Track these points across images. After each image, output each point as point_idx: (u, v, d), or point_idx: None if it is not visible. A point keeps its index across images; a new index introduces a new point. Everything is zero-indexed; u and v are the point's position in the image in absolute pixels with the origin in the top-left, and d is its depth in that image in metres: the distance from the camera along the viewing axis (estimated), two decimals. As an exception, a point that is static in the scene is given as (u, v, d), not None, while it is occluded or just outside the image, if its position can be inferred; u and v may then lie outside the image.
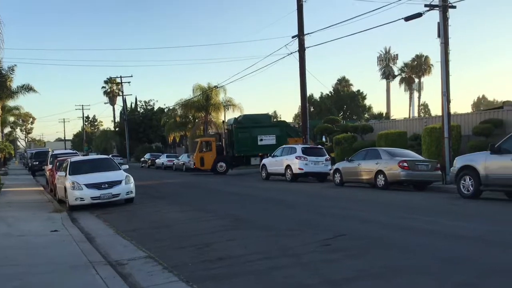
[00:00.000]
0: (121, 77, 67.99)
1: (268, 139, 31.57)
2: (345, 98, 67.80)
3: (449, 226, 9.19)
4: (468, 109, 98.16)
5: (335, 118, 38.31)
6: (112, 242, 9.04)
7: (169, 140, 57.20)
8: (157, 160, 47.07)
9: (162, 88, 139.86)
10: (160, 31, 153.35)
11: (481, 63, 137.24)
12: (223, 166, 32.13)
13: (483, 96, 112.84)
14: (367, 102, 70.50)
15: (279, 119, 56.68)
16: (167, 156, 46.40)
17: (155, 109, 68.83)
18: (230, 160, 32.40)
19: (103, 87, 78.85)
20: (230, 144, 32.76)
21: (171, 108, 57.96)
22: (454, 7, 18.83)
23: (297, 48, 26.67)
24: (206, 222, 10.79)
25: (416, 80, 68.69)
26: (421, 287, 5.29)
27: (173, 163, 41.93)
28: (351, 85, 75.07)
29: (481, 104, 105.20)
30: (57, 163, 19.58)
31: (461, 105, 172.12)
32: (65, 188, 14.83)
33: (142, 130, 67.57)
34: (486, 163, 13.41)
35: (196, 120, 50.35)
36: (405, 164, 17.41)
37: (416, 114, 67.32)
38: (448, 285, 5.30)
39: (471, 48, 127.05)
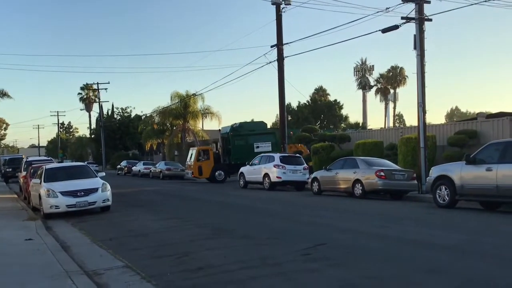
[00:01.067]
0: (97, 83, 67.19)
1: (264, 146, 31.50)
2: (322, 107, 68.32)
3: (426, 235, 9.29)
4: (442, 120, 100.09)
5: (313, 127, 38.54)
6: (89, 251, 8.86)
7: (146, 147, 56.66)
8: (133, 168, 46.55)
9: (140, 95, 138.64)
10: (138, 38, 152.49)
11: (454, 75, 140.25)
12: (221, 174, 31.73)
13: (456, 107, 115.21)
14: (343, 111, 71.17)
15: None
16: (144, 164, 45.91)
17: (132, 116, 68.19)
18: (226, 168, 32.03)
19: (79, 93, 77.92)
20: (227, 152, 32.55)
21: (148, 115, 57.51)
22: (430, 20, 19.21)
23: (276, 58, 26.81)
24: (185, 230, 10.67)
25: (392, 90, 69.79)
26: (401, 297, 5.31)
27: (150, 170, 41.50)
28: (328, 94, 75.66)
29: (454, 115, 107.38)
30: (32, 170, 19.16)
31: (435, 116, 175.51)
32: (39, 195, 14.51)
33: (118, 137, 66.84)
34: (462, 173, 13.64)
35: (174, 128, 50.05)
36: (382, 173, 17.60)
37: (391, 124, 68.21)
38: (428, 295, 5.33)
39: (444, 60, 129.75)
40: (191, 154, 33.18)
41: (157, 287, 6.08)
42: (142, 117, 61.40)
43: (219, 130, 37.22)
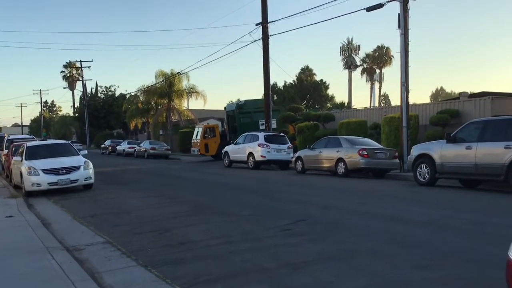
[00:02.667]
0: (81, 61, 66.36)
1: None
2: (308, 87, 68.29)
3: (405, 212, 9.46)
4: (427, 100, 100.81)
5: (298, 107, 38.60)
6: (69, 228, 8.86)
7: (131, 126, 56.29)
8: (118, 147, 46.31)
9: (124, 74, 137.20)
10: (122, 15, 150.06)
11: (440, 55, 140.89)
12: None
13: (441, 87, 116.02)
14: (329, 91, 71.21)
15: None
16: (128, 143, 45.72)
17: (116, 95, 67.50)
18: None
19: (62, 71, 76.87)
20: (232, 130, 32.51)
21: (133, 94, 57.03)
22: (415, -2, 19.19)
23: (261, 36, 26.64)
24: (167, 207, 10.72)
25: (377, 70, 69.98)
26: (378, 269, 5.43)
27: (135, 149, 41.35)
28: (314, 74, 75.59)
29: (439, 95, 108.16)
30: (13, 148, 18.98)
31: (420, 96, 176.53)
32: (21, 173, 14.40)
33: (102, 116, 66.23)
34: (442, 151, 13.84)
35: (159, 107, 49.73)
36: (365, 152, 17.76)
37: (376, 104, 68.65)
38: (403, 267, 5.46)
39: (430, 40, 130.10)
40: (197, 132, 33.44)
41: (137, 261, 6.13)
42: (127, 96, 60.87)
43: (224, 107, 37.40)
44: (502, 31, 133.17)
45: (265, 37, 26.61)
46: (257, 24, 26.64)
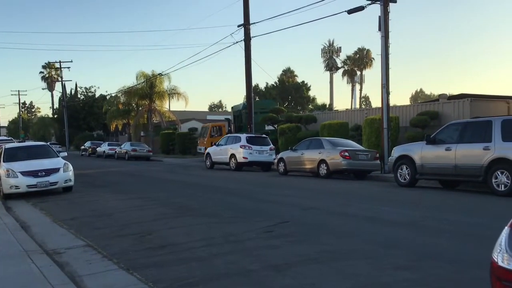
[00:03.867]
0: (60, 62, 65.47)
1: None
2: (290, 88, 68.62)
3: (386, 213, 9.55)
4: (407, 102, 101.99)
5: (280, 108, 38.70)
6: (49, 231, 8.72)
7: (111, 128, 55.71)
8: (98, 148, 45.78)
9: (104, 75, 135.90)
10: (102, 16, 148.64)
11: (419, 57, 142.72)
12: None
13: (421, 89, 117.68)
14: (311, 93, 71.84)
15: (225, 109, 56.58)
16: (109, 144, 45.22)
17: (96, 96, 66.81)
18: None
19: (41, 72, 75.91)
20: (239, 129, 32.58)
21: (113, 95, 56.48)
22: (395, 1, 19.43)
23: (243, 37, 26.66)
24: (149, 210, 10.63)
25: (358, 72, 70.58)
26: (360, 271, 5.45)
27: (115, 151, 40.92)
28: (296, 76, 76.05)
29: (418, 97, 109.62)
30: (-10, 150, 18.59)
31: (400, 97, 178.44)
32: (-2, 176, 14.12)
33: (82, 117, 65.48)
34: (422, 153, 14.01)
35: (140, 108, 49.34)
36: (347, 153, 17.89)
37: (357, 106, 69.24)
38: (385, 268, 5.49)
39: (410, 43, 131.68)
40: (204, 131, 33.68)
41: (118, 265, 6.05)
42: (107, 97, 60.27)
43: (232, 107, 37.87)
44: (480, 35, 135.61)
45: (247, 39, 26.64)
46: (239, 26, 26.67)
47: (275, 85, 68.34)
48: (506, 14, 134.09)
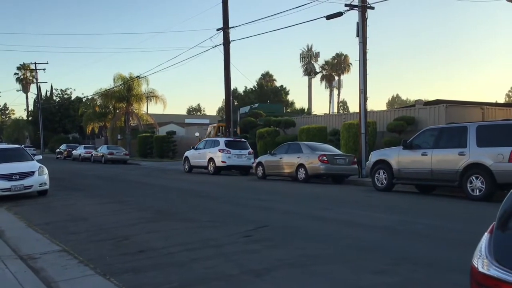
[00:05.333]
0: (35, 63, 64.35)
1: None
2: (268, 93, 68.78)
3: (364, 217, 9.63)
4: (384, 107, 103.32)
5: (259, 112, 38.80)
6: (24, 236, 8.53)
7: (88, 130, 55.01)
8: (74, 152, 45.15)
9: (80, 77, 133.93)
10: (80, 17, 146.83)
11: (395, 63, 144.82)
12: None
13: (397, 95, 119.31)
14: (289, 97, 72.06)
15: (203, 112, 56.63)
16: (85, 147, 44.63)
17: (72, 98, 65.97)
18: None
19: (15, 73, 74.59)
20: (245, 132, 32.62)
21: (90, 97, 55.80)
22: (373, 8, 19.69)
23: (222, 41, 26.65)
24: (126, 214, 10.50)
25: (336, 77, 71.23)
26: (338, 275, 5.48)
27: (92, 154, 40.42)
28: (275, 80, 76.30)
29: (395, 102, 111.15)
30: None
31: (378, 103, 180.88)
32: (-29, 179, 13.77)
33: (58, 119, 64.53)
34: (399, 157, 14.19)
35: (117, 111, 48.84)
36: (325, 158, 18.01)
37: (335, 110, 69.81)
38: (363, 272, 5.53)
39: (387, 49, 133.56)
40: (210, 131, 33.81)
41: (95, 270, 5.95)
42: (83, 99, 59.52)
43: (238, 110, 38.23)
44: (454, 42, 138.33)
45: (226, 43, 26.64)
46: (218, 30, 26.67)
47: (254, 89, 68.44)
48: (479, 22, 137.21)
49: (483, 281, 1.54)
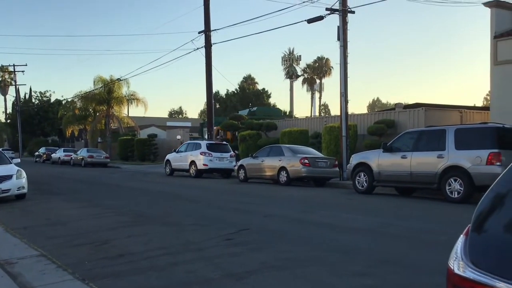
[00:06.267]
0: (14, 65, 63.31)
1: None
2: (250, 95, 68.87)
3: (344, 220, 9.69)
4: (364, 110, 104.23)
5: (241, 115, 38.79)
6: (1, 241, 8.36)
7: (67, 133, 54.30)
8: (53, 155, 44.55)
9: (60, 79, 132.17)
10: (59, 19, 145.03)
11: (375, 67, 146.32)
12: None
13: (378, 98, 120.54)
14: (271, 100, 72.21)
15: (185, 115, 56.46)
16: (64, 151, 44.08)
17: (51, 101, 65.13)
18: None
19: (-7, 75, 72.99)
20: None
21: (69, 100, 55.14)
22: (353, 12, 19.87)
23: (204, 44, 26.60)
24: (106, 218, 10.39)
25: (318, 81, 71.66)
26: (320, 277, 5.50)
27: (71, 157, 39.91)
28: (257, 83, 76.43)
29: (375, 105, 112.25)
30: None
31: (358, 106, 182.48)
32: None
33: (37, 122, 63.65)
34: (379, 160, 14.32)
35: (97, 114, 48.34)
36: (306, 161, 18.08)
37: (317, 114, 70.24)
38: (343, 275, 5.56)
39: (368, 52, 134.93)
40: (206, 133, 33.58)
41: (74, 275, 5.87)
42: (63, 102, 58.80)
43: (237, 113, 38.60)
44: (434, 46, 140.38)
45: (208, 45, 26.61)
46: (200, 32, 26.61)
47: (235, 92, 68.45)
48: (458, 26, 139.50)
49: (459, 283, 1.56)
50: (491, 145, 11.92)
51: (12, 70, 64.27)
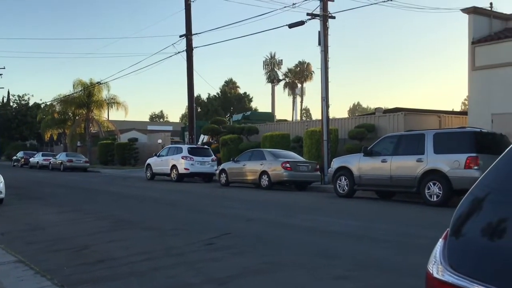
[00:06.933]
0: (-9, 68, 62.20)
1: None
2: (232, 99, 68.85)
3: (325, 223, 9.74)
4: (345, 115, 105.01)
5: (222, 119, 38.76)
6: (-23, 247, 8.20)
7: (46, 137, 53.51)
8: (31, 159, 43.87)
9: (39, 83, 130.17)
10: (38, 21, 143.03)
11: (356, 71, 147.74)
12: None
13: (358, 102, 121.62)
14: (253, 104, 72.32)
15: (166, 119, 56.28)
16: (43, 155, 43.43)
17: (30, 104, 64.17)
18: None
19: (-31, 78, 71.57)
20: None
21: (48, 103, 54.36)
22: (334, 17, 20.06)
23: (185, 48, 26.54)
24: (85, 223, 10.26)
25: (299, 85, 72.01)
26: (301, 281, 5.51)
27: (50, 162, 39.35)
28: (238, 87, 76.45)
29: (356, 110, 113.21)
30: None
31: (339, 110, 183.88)
32: None
33: (15, 126, 62.63)
34: (360, 164, 14.44)
35: (77, 117, 47.77)
36: (288, 165, 18.13)
37: (298, 118, 70.50)
38: (325, 278, 5.58)
39: (348, 57, 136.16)
40: (203, 138, 33.33)
41: (52, 281, 5.77)
42: (42, 106, 57.98)
43: (231, 117, 38.11)
44: (414, 53, 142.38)
45: (189, 49, 26.55)
46: (181, 36, 26.54)
47: (217, 96, 68.37)
48: (438, 31, 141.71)
49: (437, 286, 1.58)
50: (469, 149, 12.11)
51: (-10, 73, 63.17)
